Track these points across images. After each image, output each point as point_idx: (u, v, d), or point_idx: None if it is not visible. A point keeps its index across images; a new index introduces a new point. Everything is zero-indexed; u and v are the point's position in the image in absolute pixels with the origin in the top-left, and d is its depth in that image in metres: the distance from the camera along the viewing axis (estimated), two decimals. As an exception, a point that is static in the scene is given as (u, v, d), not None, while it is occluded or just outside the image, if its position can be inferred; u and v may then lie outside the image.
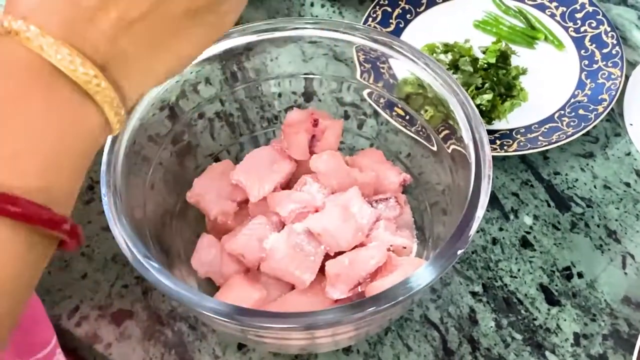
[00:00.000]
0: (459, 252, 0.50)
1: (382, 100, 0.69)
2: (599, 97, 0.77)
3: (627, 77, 0.80)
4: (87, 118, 0.36)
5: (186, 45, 0.39)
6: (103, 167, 0.55)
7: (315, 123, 0.66)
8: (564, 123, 0.76)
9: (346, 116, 0.73)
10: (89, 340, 0.65)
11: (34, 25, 0.33)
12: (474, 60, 0.80)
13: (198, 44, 0.40)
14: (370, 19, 0.85)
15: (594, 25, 0.84)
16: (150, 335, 0.65)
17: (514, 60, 0.82)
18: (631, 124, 0.78)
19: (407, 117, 0.67)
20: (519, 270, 0.68)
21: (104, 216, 0.53)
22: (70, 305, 0.66)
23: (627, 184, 0.74)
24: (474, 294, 0.67)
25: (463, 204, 0.54)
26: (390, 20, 0.86)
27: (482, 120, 0.58)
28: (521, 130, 0.76)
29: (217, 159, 0.70)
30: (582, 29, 0.84)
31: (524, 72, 0.81)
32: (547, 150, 0.76)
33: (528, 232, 0.71)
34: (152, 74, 0.39)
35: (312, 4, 0.90)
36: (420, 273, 0.49)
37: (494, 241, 0.70)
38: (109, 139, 0.56)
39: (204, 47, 0.41)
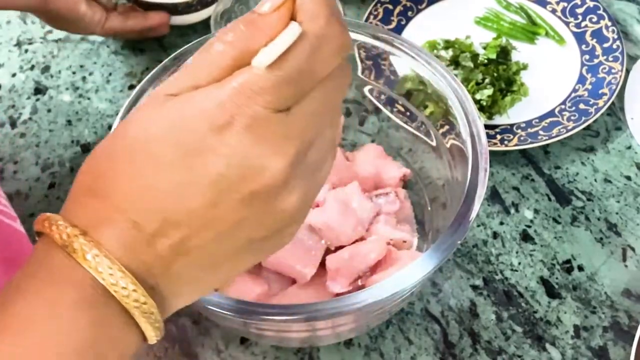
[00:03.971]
0: (457, 242, 0.51)
1: (383, 97, 0.70)
2: (600, 92, 0.78)
3: (627, 72, 0.80)
4: (128, 337, 0.35)
5: (241, 265, 0.38)
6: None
7: (316, 120, 0.67)
8: (565, 117, 0.76)
9: (348, 113, 0.73)
10: (94, 335, 0.65)
11: (95, 248, 0.33)
12: (475, 56, 0.80)
13: (254, 262, 0.39)
14: (372, 17, 0.86)
15: (594, 20, 0.84)
16: (155, 330, 0.65)
17: (515, 56, 0.82)
18: (632, 118, 0.78)
19: (408, 113, 0.68)
20: (519, 263, 0.69)
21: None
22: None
23: (628, 178, 0.74)
24: (474, 287, 0.67)
25: (462, 198, 0.54)
26: (392, 18, 0.86)
27: (479, 114, 0.58)
28: (522, 125, 0.77)
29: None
30: (582, 24, 0.85)
31: (525, 67, 0.82)
32: (547, 145, 0.76)
33: (529, 226, 0.71)
34: (200, 291, 0.38)
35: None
36: (419, 264, 0.50)
37: (495, 235, 0.71)
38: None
39: (257, 262, 0.40)
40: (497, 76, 0.79)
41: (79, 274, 0.33)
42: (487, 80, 0.78)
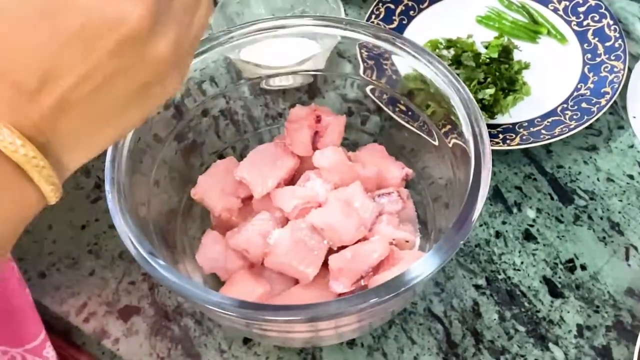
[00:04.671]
0: (460, 242, 0.51)
1: (385, 97, 0.70)
2: (602, 90, 0.77)
3: (630, 70, 0.80)
4: (25, 195, 0.37)
5: (129, 117, 0.40)
6: (107, 165, 0.56)
7: (318, 119, 0.67)
8: (567, 116, 0.76)
9: (350, 112, 0.73)
10: (97, 336, 0.65)
11: None
12: (477, 56, 0.80)
13: (141, 115, 0.41)
14: (374, 16, 0.86)
15: (596, 18, 0.84)
16: (157, 330, 0.65)
17: (517, 55, 0.82)
18: (634, 117, 0.78)
19: (410, 113, 0.68)
20: (522, 263, 0.69)
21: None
22: (79, 301, 0.67)
23: (630, 177, 0.74)
24: (477, 287, 0.67)
25: (464, 198, 0.54)
26: (393, 17, 0.86)
27: (482, 114, 0.58)
28: (524, 124, 0.77)
29: (221, 157, 0.71)
30: (584, 23, 0.85)
31: (527, 66, 0.82)
32: (550, 144, 0.76)
33: (531, 225, 0.71)
34: (94, 147, 0.40)
35: (315, 2, 0.90)
36: (421, 264, 0.50)
37: (497, 234, 0.70)
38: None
39: (148, 115, 0.41)
40: (499, 75, 0.79)
41: None
42: (489, 80, 0.78)
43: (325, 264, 0.60)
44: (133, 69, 0.37)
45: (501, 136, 0.75)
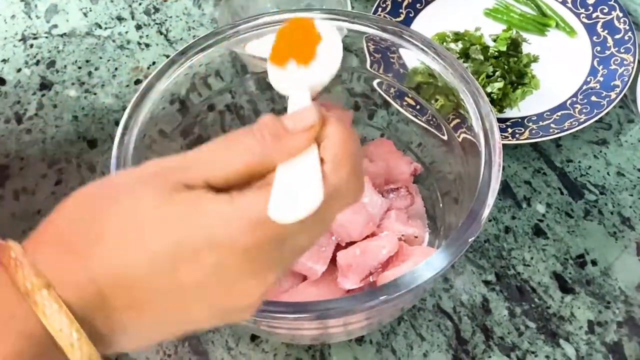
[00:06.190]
0: (470, 239, 0.50)
1: (392, 90, 0.69)
2: (612, 84, 0.77)
3: (639, 63, 0.79)
4: None
5: (197, 328, 0.38)
6: (113, 161, 0.55)
7: (325, 114, 0.66)
8: (577, 110, 0.75)
9: (356, 107, 0.72)
10: (103, 333, 0.65)
11: (56, 304, 0.33)
12: (485, 49, 0.79)
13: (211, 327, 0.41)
14: (380, 9, 0.85)
15: (606, 11, 0.83)
16: (164, 327, 0.65)
17: (526, 48, 0.81)
18: (644, 110, 0.77)
19: (418, 107, 0.67)
20: (532, 258, 0.68)
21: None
22: (85, 298, 0.67)
23: (641, 171, 0.73)
24: (487, 282, 0.67)
25: (474, 193, 0.54)
26: (400, 10, 0.85)
27: (492, 108, 0.57)
28: (533, 118, 0.76)
29: (228, 152, 0.70)
30: (594, 15, 0.84)
31: (536, 59, 0.81)
32: (559, 138, 0.75)
33: (541, 220, 0.70)
34: (150, 343, 0.39)
35: (321, -5, 0.90)
36: (432, 261, 0.49)
37: (507, 230, 0.70)
38: (119, 133, 0.56)
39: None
40: (508, 69, 0.78)
41: (31, 324, 0.33)
42: (497, 73, 0.77)
43: (333, 260, 0.59)
44: (215, 318, 0.37)
45: (510, 130, 0.74)
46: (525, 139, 0.72)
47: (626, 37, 0.80)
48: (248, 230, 0.34)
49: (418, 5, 0.86)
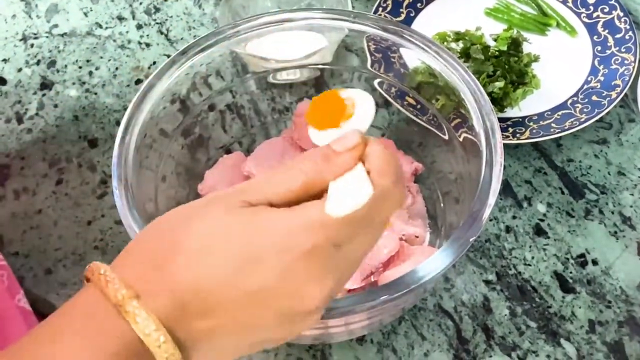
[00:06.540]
0: (471, 239, 0.50)
1: (393, 90, 0.69)
2: (612, 83, 0.77)
3: (640, 63, 0.79)
4: None
5: (255, 349, 0.42)
6: (114, 161, 0.55)
7: (326, 113, 0.66)
8: (577, 110, 0.75)
9: (357, 106, 0.72)
10: (104, 333, 0.65)
11: (145, 312, 0.37)
12: (486, 48, 0.79)
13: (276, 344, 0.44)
14: (381, 9, 0.85)
15: (606, 10, 0.83)
16: (164, 327, 0.65)
17: (526, 48, 0.81)
18: (645, 110, 0.77)
19: (419, 107, 0.67)
20: (532, 258, 0.68)
21: (117, 210, 0.53)
22: (85, 298, 0.67)
23: (642, 170, 0.73)
24: (487, 282, 0.67)
25: (475, 192, 0.54)
26: (401, 10, 0.85)
27: (493, 107, 0.57)
28: (534, 118, 0.76)
29: (228, 151, 0.70)
30: (594, 15, 0.84)
31: (536, 59, 0.81)
32: (560, 138, 0.75)
33: (542, 220, 0.70)
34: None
35: (322, -5, 0.90)
36: (433, 261, 0.49)
37: (508, 229, 0.70)
38: (120, 132, 0.56)
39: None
40: (509, 68, 0.78)
41: (124, 330, 0.37)
42: (498, 73, 0.77)
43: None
44: (281, 328, 0.40)
45: (511, 130, 0.74)
46: (526, 139, 0.72)
47: (627, 37, 0.80)
48: (307, 231, 0.37)
49: (419, 4, 0.86)
